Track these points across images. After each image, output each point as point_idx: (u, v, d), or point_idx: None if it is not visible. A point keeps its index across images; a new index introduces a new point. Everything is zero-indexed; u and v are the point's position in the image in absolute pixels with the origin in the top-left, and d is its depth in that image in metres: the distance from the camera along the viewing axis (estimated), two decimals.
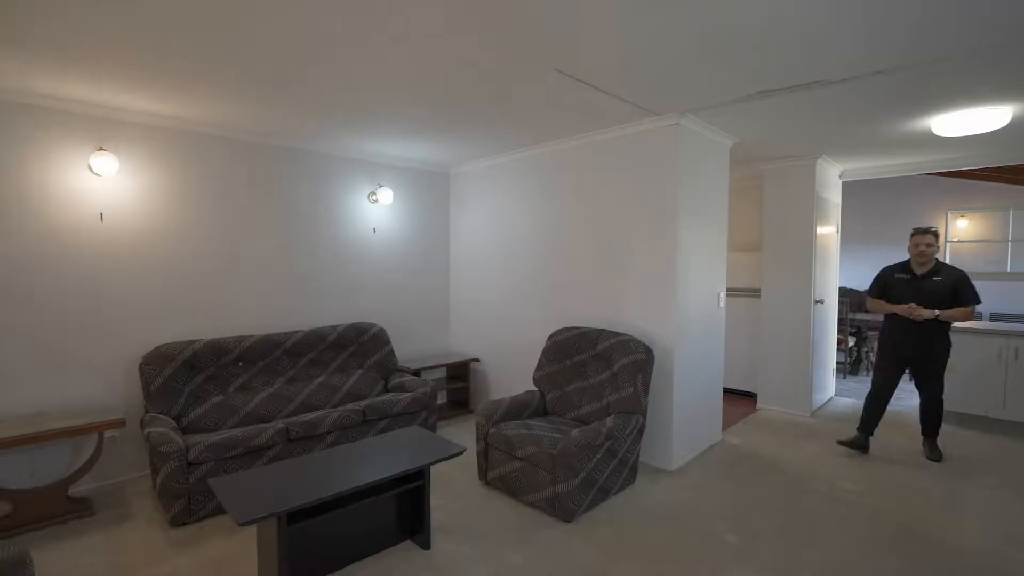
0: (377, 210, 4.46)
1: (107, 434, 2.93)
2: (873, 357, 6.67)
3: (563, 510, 2.70)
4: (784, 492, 3.11)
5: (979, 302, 3.39)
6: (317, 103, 3.04)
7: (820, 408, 4.88)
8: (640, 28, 2.11)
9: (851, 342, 6.39)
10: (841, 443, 3.76)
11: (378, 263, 4.51)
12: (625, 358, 3.19)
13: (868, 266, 7.33)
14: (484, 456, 3.16)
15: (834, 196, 5.10)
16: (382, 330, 4.16)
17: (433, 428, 3.78)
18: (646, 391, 3.12)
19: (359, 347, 4.01)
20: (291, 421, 3.13)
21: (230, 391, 3.36)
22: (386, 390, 4.00)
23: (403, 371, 4.24)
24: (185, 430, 3.09)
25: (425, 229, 4.84)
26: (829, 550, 2.50)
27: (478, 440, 3.19)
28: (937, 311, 3.39)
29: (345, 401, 3.71)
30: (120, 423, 2.90)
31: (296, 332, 3.74)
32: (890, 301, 3.62)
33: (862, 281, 7.29)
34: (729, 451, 3.79)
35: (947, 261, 4.82)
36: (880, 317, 3.90)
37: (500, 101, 3.00)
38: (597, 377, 3.36)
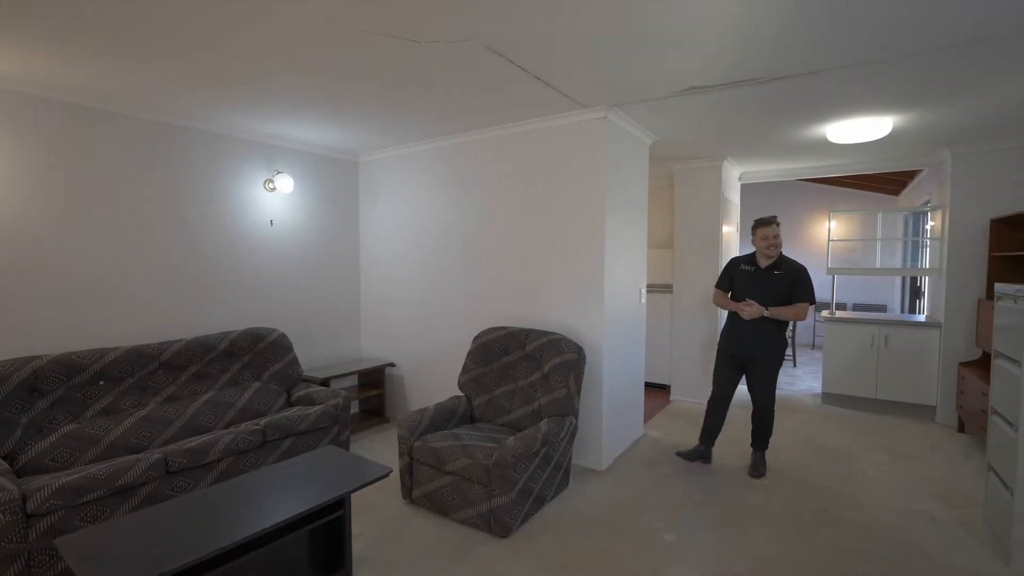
0: (275, 199, 3.94)
1: None
2: None
3: (499, 525, 2.50)
4: (708, 484, 3.18)
5: (813, 302, 3.14)
6: (199, 70, 2.54)
7: None
8: (580, 13, 1.98)
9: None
10: (680, 455, 3.43)
11: (277, 259, 3.98)
12: (556, 358, 3.07)
13: None
14: (408, 473, 2.86)
15: (735, 197, 5.43)
16: (283, 336, 3.66)
17: (346, 444, 3.40)
18: (579, 391, 3.02)
19: (256, 356, 3.49)
20: (171, 449, 2.60)
21: (87, 417, 2.73)
22: (289, 404, 3.53)
23: (309, 381, 3.78)
24: (22, 471, 2.44)
25: (331, 222, 4.38)
26: (759, 539, 2.56)
27: (401, 455, 2.89)
28: (767, 308, 3.11)
29: (240, 420, 3.19)
30: None
31: (175, 342, 3.15)
32: (734, 293, 3.35)
33: None
34: (652, 445, 3.84)
35: (828, 259, 5.31)
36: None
37: (420, 81, 2.71)
38: (527, 379, 3.20)
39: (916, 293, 6.33)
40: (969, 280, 4.15)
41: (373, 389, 4.30)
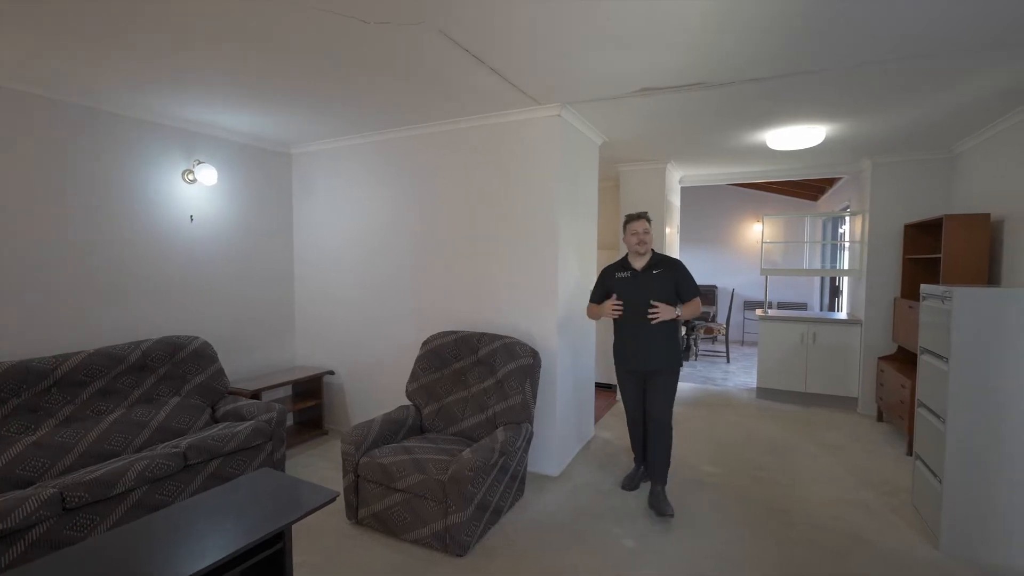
0: (196, 192, 3.54)
1: None
2: (698, 343, 7.56)
3: (456, 544, 2.35)
4: None
5: (699, 293, 2.95)
6: (107, 39, 2.19)
7: None
8: (543, 4, 1.88)
9: (682, 331, 7.15)
10: (625, 488, 3.10)
11: (199, 259, 3.59)
12: (511, 363, 2.96)
13: (698, 263, 8.31)
14: (354, 491, 2.64)
15: (676, 199, 5.57)
16: (206, 344, 3.30)
17: (282, 462, 3.10)
18: (534, 397, 2.92)
19: (174, 367, 3.11)
20: (68, 481, 2.23)
21: None
22: (215, 420, 3.18)
23: (237, 394, 3.43)
24: None
25: (261, 218, 4.02)
26: (716, 539, 2.58)
27: (345, 473, 2.66)
28: (679, 308, 2.88)
29: (156, 442, 2.82)
30: None
31: (74, 354, 2.73)
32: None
33: (700, 278, 8.25)
34: (604, 446, 3.82)
35: (761, 261, 5.57)
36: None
37: (367, 66, 2.51)
38: (480, 385, 3.07)
39: (835, 292, 6.82)
40: (886, 280, 4.48)
41: (310, 399, 3.99)
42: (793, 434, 4.10)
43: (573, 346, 3.55)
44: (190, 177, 3.46)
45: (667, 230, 5.05)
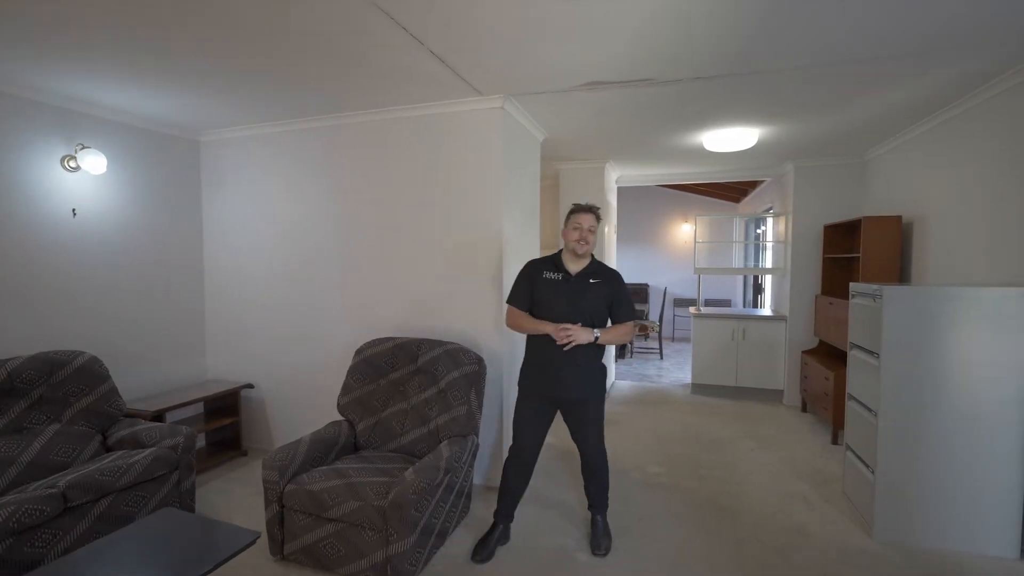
0: (79, 182, 3.03)
1: None
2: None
3: (399, 575, 2.12)
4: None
5: (634, 317, 2.46)
6: None
7: (609, 392, 5.30)
8: None
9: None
10: (476, 559, 2.36)
11: (84, 261, 3.07)
12: (454, 371, 2.76)
13: (628, 262, 8.48)
14: (278, 524, 2.33)
15: (613, 199, 5.60)
16: (93, 360, 2.81)
17: (191, 493, 2.70)
18: (480, 407, 2.75)
19: (52, 389, 2.62)
20: None
21: None
22: (107, 449, 2.72)
23: (136, 416, 2.97)
24: None
25: (163, 213, 3.53)
26: (669, 543, 2.53)
27: (268, 503, 2.34)
28: (597, 332, 2.29)
29: (26, 480, 2.35)
30: None
31: None
32: (538, 310, 2.39)
33: (633, 276, 8.43)
34: (547, 451, 3.71)
35: (695, 260, 5.73)
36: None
37: (289, 42, 2.21)
38: (421, 396, 2.84)
39: (757, 289, 7.20)
40: (808, 278, 4.73)
41: (225, 417, 3.55)
42: (730, 429, 4.22)
43: (519, 351, 3.40)
44: (71, 164, 2.95)
45: (606, 229, 5.04)
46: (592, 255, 2.45)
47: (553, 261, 2.44)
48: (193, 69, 2.52)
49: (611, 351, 5.55)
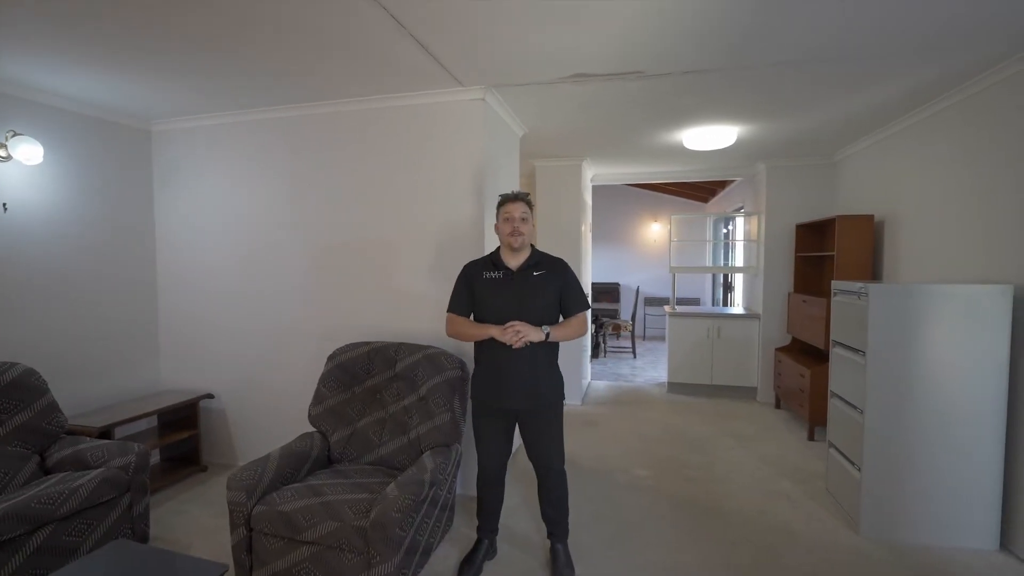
0: (10, 173, 2.72)
1: None
2: (607, 339, 7.70)
3: None
4: (594, 493, 3.03)
5: (587, 308, 2.28)
6: None
7: (586, 394, 5.24)
8: None
9: (592, 328, 7.23)
10: None
11: (17, 260, 2.76)
12: (436, 377, 2.61)
13: (600, 261, 8.47)
14: (246, 549, 2.12)
15: (589, 198, 5.54)
16: (29, 372, 2.52)
17: (145, 517, 2.45)
18: (464, 414, 2.60)
19: None
20: None
21: None
22: (46, 472, 2.44)
23: (80, 433, 2.68)
24: None
25: (109, 208, 3.22)
26: (659, 549, 2.46)
27: (234, 527, 2.13)
28: (547, 328, 2.09)
29: None
30: None
31: None
32: (481, 314, 2.20)
33: (604, 275, 8.42)
34: (524, 454, 3.60)
35: (670, 259, 5.73)
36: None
37: (249, 21, 2.01)
38: (399, 404, 2.68)
39: (727, 288, 7.31)
40: (780, 277, 4.79)
41: (183, 431, 3.27)
42: (709, 427, 4.21)
43: None
44: (2, 153, 2.63)
45: (582, 228, 4.98)
46: (533, 246, 2.25)
47: (491, 260, 2.24)
48: (143, 48, 2.27)
49: (586, 352, 5.49)
